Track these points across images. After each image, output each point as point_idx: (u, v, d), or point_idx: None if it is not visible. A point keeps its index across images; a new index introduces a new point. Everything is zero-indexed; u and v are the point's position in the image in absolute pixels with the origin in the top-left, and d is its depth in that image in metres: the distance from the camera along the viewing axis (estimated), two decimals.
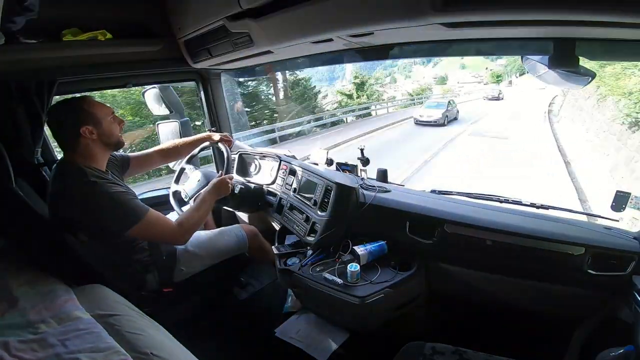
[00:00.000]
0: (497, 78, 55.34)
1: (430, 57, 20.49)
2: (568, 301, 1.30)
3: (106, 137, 1.36)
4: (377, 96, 28.51)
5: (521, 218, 1.41)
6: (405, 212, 1.51)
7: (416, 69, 67.11)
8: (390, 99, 31.15)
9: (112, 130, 1.39)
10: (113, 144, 1.41)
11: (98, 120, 1.33)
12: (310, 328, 1.53)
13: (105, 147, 1.39)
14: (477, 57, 49.86)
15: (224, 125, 2.26)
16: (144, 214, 1.32)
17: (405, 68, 71.86)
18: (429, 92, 38.08)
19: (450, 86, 48.74)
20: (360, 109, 18.17)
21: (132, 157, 1.66)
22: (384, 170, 1.87)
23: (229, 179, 1.63)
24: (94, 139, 1.33)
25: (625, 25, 0.72)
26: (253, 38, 1.32)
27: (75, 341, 0.98)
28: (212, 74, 2.12)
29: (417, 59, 43.39)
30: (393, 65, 63.60)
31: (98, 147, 1.35)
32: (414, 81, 58.47)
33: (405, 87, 48.32)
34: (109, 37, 1.57)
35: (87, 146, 1.32)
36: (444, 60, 61.94)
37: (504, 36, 1.02)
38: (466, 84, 51.50)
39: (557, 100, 17.73)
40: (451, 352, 1.13)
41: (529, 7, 0.72)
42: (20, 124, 1.52)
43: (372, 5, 0.92)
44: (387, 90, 42.83)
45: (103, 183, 1.29)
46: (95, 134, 1.33)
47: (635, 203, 1.27)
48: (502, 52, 1.29)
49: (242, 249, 1.78)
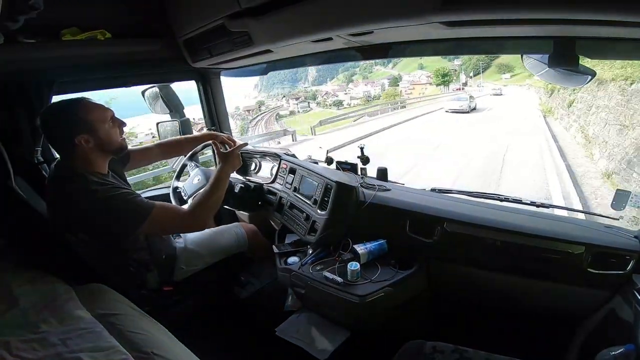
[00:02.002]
0: (442, 79, 52.20)
1: (430, 56, 20.84)
2: (568, 300, 1.31)
3: (105, 144, 1.27)
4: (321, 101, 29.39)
5: (521, 217, 1.41)
6: (406, 210, 1.51)
7: (377, 69, 66.17)
8: (336, 103, 31.53)
9: (111, 135, 1.29)
10: (113, 150, 1.32)
11: (94, 127, 1.23)
12: (311, 327, 1.53)
13: (105, 154, 1.31)
14: (434, 58, 48.27)
15: (224, 125, 2.26)
16: (151, 210, 1.26)
17: (366, 69, 70.67)
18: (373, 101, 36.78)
19: (401, 89, 46.68)
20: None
21: (132, 151, 1.62)
22: (384, 169, 1.87)
23: (236, 149, 1.54)
24: (90, 147, 1.23)
25: (626, 24, 0.72)
26: (252, 37, 1.32)
27: (76, 340, 0.97)
28: (212, 73, 2.12)
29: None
30: (355, 66, 62.58)
31: (96, 154, 1.27)
32: (368, 82, 57.22)
33: (359, 88, 47.03)
34: (109, 36, 1.57)
35: (84, 154, 1.24)
36: (403, 60, 60.80)
37: (504, 35, 1.02)
38: (417, 85, 50.69)
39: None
40: (451, 350, 1.13)
41: (528, 6, 0.72)
42: (20, 123, 1.52)
43: (371, 4, 0.92)
44: (338, 93, 42.25)
45: (104, 189, 1.23)
46: (92, 142, 1.23)
47: (635, 201, 1.27)
48: (502, 50, 1.29)
49: (242, 247, 1.78)
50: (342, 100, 38.94)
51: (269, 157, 2.07)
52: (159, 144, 1.80)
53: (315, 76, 78.50)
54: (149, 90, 2.18)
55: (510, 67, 63.72)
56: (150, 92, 2.18)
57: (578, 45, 0.92)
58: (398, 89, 46.29)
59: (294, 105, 56.86)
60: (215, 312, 1.82)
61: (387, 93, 41.69)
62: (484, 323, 1.51)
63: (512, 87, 45.78)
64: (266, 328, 1.56)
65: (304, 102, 55.83)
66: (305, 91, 29.68)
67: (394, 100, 35.61)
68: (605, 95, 9.01)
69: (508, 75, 62.93)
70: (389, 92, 43.25)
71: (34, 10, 1.08)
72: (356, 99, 53.16)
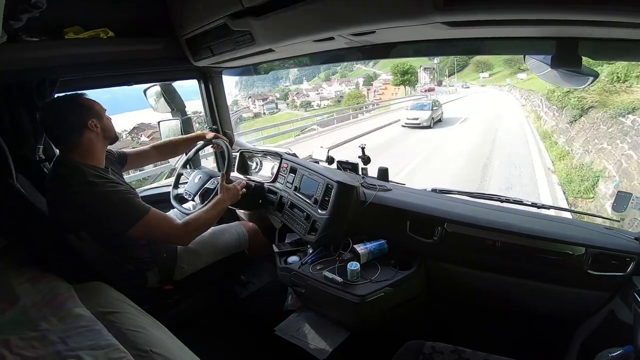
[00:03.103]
0: (402, 77, 40.49)
1: (432, 56, 19.90)
2: (568, 301, 1.31)
3: (107, 130, 1.38)
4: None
5: (522, 218, 1.41)
6: (406, 211, 1.51)
7: (357, 67, 62.73)
8: (304, 104, 28.59)
9: (110, 124, 1.40)
10: (112, 137, 1.42)
11: (100, 114, 1.35)
12: (310, 326, 1.54)
13: (105, 142, 1.40)
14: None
15: (225, 123, 2.26)
16: (145, 214, 1.30)
17: (347, 67, 66.48)
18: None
19: (366, 91, 38.57)
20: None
21: (129, 154, 1.67)
22: (385, 169, 1.87)
23: (239, 185, 1.66)
24: (98, 132, 1.33)
25: (629, 25, 0.71)
26: (254, 36, 1.32)
27: (75, 338, 0.98)
28: (214, 72, 2.12)
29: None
30: (337, 64, 58.66)
31: (100, 141, 1.36)
32: (343, 81, 53.79)
33: (332, 88, 41.73)
34: (111, 35, 1.57)
35: (90, 141, 1.32)
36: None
37: (506, 35, 1.01)
38: (389, 84, 44.98)
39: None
40: (450, 351, 1.13)
41: (531, 7, 0.72)
42: (22, 121, 1.52)
43: (373, 4, 0.91)
44: (310, 92, 37.21)
45: (102, 183, 1.27)
46: (99, 127, 1.33)
47: (636, 203, 1.26)
48: (504, 51, 1.28)
49: (243, 246, 1.78)
50: (311, 101, 35.61)
51: (270, 156, 2.07)
52: (154, 146, 1.83)
53: (297, 74, 73.06)
54: (151, 89, 2.19)
55: (489, 65, 58.63)
56: (152, 90, 2.19)
57: (581, 46, 0.91)
58: (369, 89, 39.25)
59: (260, 106, 51.67)
60: (215, 311, 1.83)
61: (350, 95, 34.43)
62: (483, 324, 1.51)
63: (491, 88, 42.20)
64: (266, 327, 1.56)
65: (270, 104, 50.77)
66: (281, 90, 27.18)
67: (358, 104, 29.33)
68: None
69: (486, 74, 57.57)
70: (352, 93, 36.28)
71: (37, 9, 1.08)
72: (327, 100, 48.27)
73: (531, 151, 9.78)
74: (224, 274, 1.80)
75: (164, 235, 1.40)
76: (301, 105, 36.48)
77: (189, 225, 1.42)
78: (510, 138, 11.73)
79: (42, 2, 1.09)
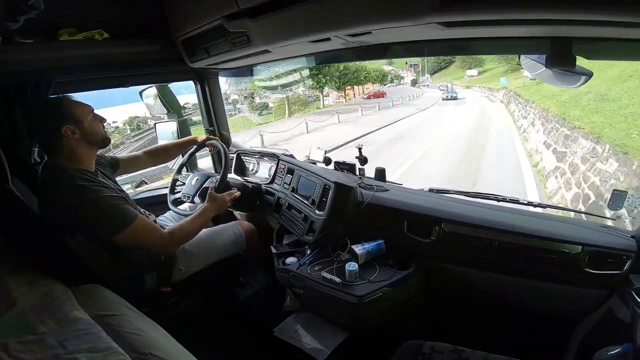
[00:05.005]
0: (340, 81, 28.22)
1: (428, 56, 19.35)
2: (565, 300, 1.31)
3: (89, 136, 1.34)
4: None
5: (519, 217, 1.42)
6: (403, 211, 1.51)
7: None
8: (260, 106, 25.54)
9: (95, 128, 1.36)
10: (98, 141, 1.39)
11: (78, 119, 1.31)
12: (309, 327, 1.53)
13: (90, 146, 1.37)
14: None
15: (222, 124, 2.26)
16: (132, 221, 1.30)
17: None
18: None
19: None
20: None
21: (121, 159, 1.66)
22: (382, 169, 1.87)
23: (229, 196, 1.64)
24: (76, 138, 1.30)
25: (623, 25, 0.72)
26: (251, 37, 1.32)
27: (73, 341, 0.97)
28: (210, 73, 2.12)
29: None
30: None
31: (82, 147, 1.33)
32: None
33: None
34: (106, 36, 1.56)
35: (70, 147, 1.30)
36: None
37: (501, 35, 1.02)
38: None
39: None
40: (449, 350, 1.13)
41: (525, 7, 0.72)
42: (17, 123, 1.51)
43: (369, 5, 0.92)
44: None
45: (90, 186, 1.27)
46: (78, 133, 1.30)
47: (632, 202, 1.27)
48: (499, 51, 1.30)
49: (240, 247, 1.78)
50: (267, 103, 28.68)
51: (267, 157, 2.07)
52: (146, 152, 1.83)
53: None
54: (147, 91, 2.18)
55: (479, 61, 45.84)
56: (148, 92, 2.18)
57: (575, 45, 0.92)
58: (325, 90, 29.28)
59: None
60: (213, 313, 1.82)
61: (293, 99, 26.66)
62: (482, 323, 1.52)
63: (477, 93, 32.63)
64: (265, 328, 1.56)
65: (230, 104, 44.68)
66: (249, 89, 23.31)
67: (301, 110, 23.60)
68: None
69: (474, 71, 46.01)
70: (292, 98, 27.08)
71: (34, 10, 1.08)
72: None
73: None
74: (222, 275, 1.79)
75: (150, 244, 1.40)
76: (257, 107, 29.27)
77: (174, 235, 1.42)
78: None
79: (40, 2, 1.08)
